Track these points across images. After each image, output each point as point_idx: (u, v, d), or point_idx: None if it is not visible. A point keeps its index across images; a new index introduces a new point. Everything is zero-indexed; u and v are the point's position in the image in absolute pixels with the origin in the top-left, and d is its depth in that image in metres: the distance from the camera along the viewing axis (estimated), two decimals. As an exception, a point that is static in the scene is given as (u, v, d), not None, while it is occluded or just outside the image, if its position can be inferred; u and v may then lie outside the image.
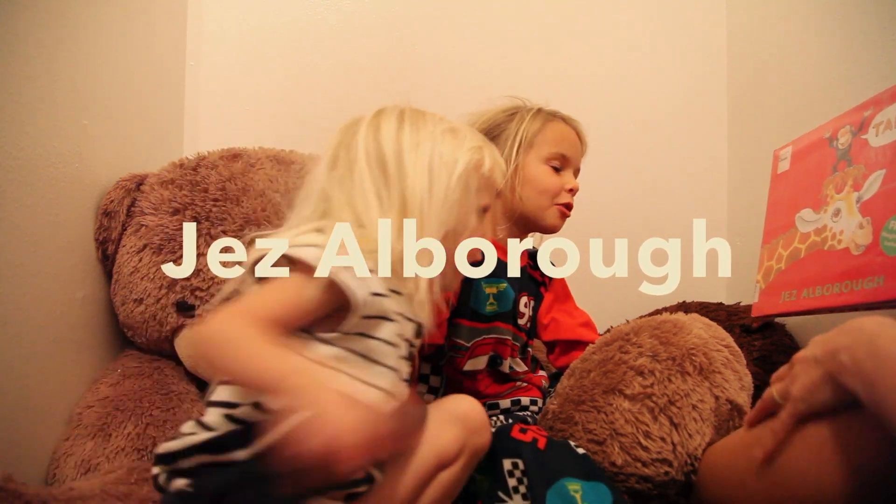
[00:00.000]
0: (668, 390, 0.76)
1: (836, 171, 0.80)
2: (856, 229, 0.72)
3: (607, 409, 0.78)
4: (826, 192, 0.80)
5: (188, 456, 0.56)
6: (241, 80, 1.34)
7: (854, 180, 0.75)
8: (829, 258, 0.76)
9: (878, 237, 0.69)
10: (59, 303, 0.88)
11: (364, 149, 0.70)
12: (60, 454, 0.84)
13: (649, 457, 0.76)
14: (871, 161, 0.74)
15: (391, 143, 0.70)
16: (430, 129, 0.71)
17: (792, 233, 0.84)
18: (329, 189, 0.70)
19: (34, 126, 0.82)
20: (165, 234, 0.96)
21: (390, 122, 0.72)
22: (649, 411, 0.76)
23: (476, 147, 0.72)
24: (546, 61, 1.41)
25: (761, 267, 0.89)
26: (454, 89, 1.38)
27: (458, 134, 0.72)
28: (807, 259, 0.80)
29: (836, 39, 1.07)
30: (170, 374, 0.98)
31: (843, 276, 0.72)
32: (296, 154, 1.07)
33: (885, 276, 0.66)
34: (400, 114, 0.73)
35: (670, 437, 0.76)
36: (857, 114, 0.79)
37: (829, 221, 0.78)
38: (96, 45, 0.98)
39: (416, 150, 0.69)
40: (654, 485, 0.76)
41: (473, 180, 0.70)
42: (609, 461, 0.77)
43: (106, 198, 0.97)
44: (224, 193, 0.97)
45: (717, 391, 0.77)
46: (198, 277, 0.94)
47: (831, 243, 0.76)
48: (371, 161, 0.69)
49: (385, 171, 0.68)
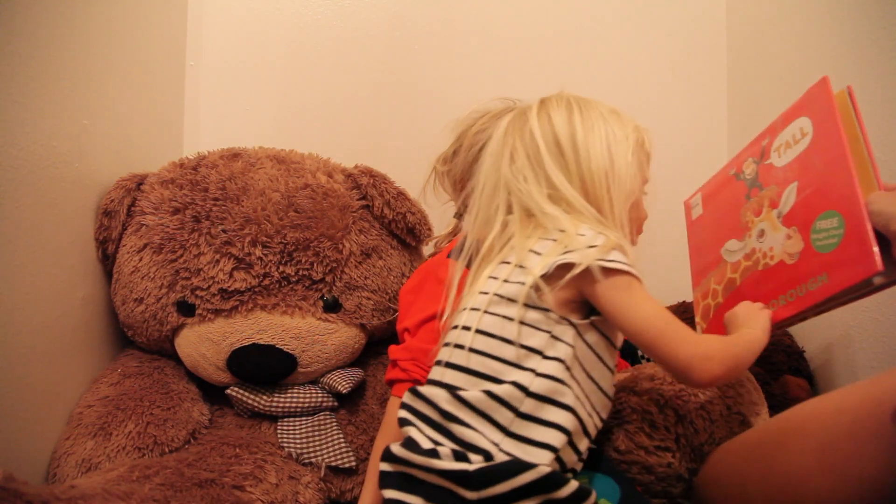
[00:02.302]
0: (676, 387, 0.80)
1: (750, 199, 0.82)
2: (784, 241, 0.75)
3: (616, 404, 0.81)
4: (746, 219, 0.82)
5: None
6: (241, 80, 1.34)
7: (770, 200, 0.78)
8: (767, 276, 0.77)
9: (808, 241, 0.72)
10: (59, 303, 0.88)
11: (542, 137, 0.74)
12: (61, 453, 0.84)
13: (652, 444, 0.77)
14: (780, 179, 0.77)
15: (565, 128, 0.74)
16: (598, 111, 0.75)
17: (721, 266, 0.86)
18: (513, 182, 0.74)
19: (34, 126, 0.82)
20: (166, 234, 0.95)
21: (560, 109, 0.76)
22: (655, 403, 0.79)
23: (637, 126, 0.77)
24: (546, 60, 1.41)
25: (697, 309, 0.90)
26: (455, 89, 1.38)
27: (621, 114, 0.77)
28: (744, 285, 0.81)
29: (836, 39, 1.07)
30: (170, 373, 0.98)
31: (785, 287, 0.74)
32: (295, 154, 1.06)
33: (826, 272, 0.68)
34: (567, 100, 0.77)
35: (675, 429, 0.77)
36: (756, 145, 0.84)
37: (756, 243, 0.79)
38: (96, 45, 0.98)
39: (592, 132, 0.74)
40: (658, 477, 0.77)
41: (641, 155, 0.77)
42: (613, 447, 0.79)
43: (106, 197, 0.97)
44: (224, 192, 0.96)
45: (730, 402, 0.80)
46: (198, 277, 0.93)
47: (765, 262, 0.78)
48: (550, 147, 0.74)
49: (563, 154, 0.73)
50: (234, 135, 1.31)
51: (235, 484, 0.79)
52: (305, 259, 0.96)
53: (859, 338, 0.98)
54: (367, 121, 1.35)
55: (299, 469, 0.87)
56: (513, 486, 0.58)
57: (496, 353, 0.66)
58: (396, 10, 1.38)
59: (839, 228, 0.68)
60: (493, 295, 0.68)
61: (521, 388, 0.63)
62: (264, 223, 0.95)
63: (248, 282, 0.93)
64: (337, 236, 0.98)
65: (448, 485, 0.61)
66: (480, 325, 0.68)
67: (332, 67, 1.36)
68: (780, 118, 0.80)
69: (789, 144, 0.77)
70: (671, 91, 1.44)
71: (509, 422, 0.63)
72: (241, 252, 0.93)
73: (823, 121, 0.72)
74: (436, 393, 0.67)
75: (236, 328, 0.94)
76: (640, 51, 1.44)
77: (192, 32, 1.32)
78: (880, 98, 0.92)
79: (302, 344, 0.96)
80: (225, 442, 0.87)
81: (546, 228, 0.71)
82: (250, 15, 1.35)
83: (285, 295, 0.95)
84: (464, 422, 0.64)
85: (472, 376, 0.66)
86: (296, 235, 0.95)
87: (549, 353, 0.65)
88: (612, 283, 0.65)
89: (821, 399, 0.65)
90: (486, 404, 0.64)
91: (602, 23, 1.44)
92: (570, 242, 0.67)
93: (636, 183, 0.75)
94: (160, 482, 0.75)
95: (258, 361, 0.94)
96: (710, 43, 1.45)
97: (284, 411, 0.95)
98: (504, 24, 1.41)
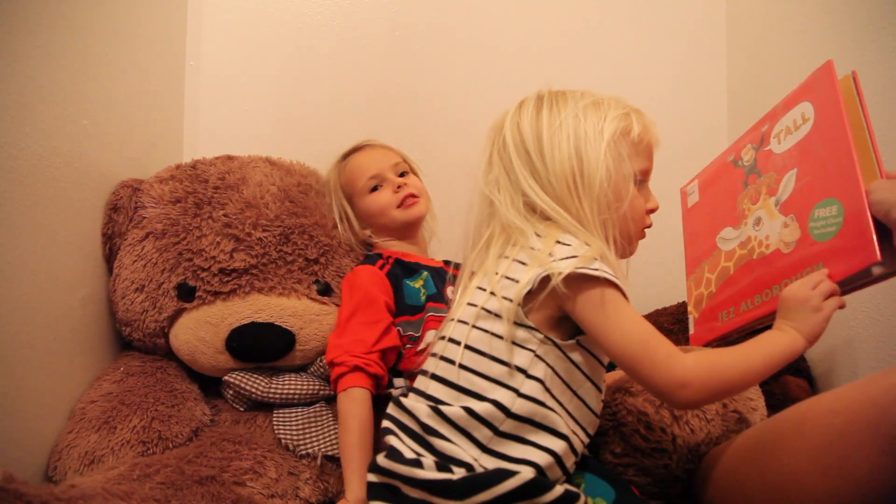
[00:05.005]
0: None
1: (747, 186, 0.80)
2: (781, 229, 0.73)
3: (612, 405, 0.80)
4: (742, 207, 0.80)
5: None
6: (241, 80, 1.34)
7: (767, 187, 0.76)
8: (762, 265, 0.75)
9: (805, 229, 0.70)
10: (60, 302, 0.89)
11: (511, 142, 0.71)
12: (63, 446, 0.84)
13: (648, 446, 0.76)
14: (779, 166, 0.75)
15: (532, 130, 0.71)
16: (570, 108, 0.71)
17: (716, 255, 0.84)
18: (489, 192, 0.72)
19: (34, 126, 0.83)
20: (168, 220, 0.98)
21: (529, 110, 0.72)
22: (651, 403, 0.78)
23: (621, 114, 0.71)
24: (545, 59, 1.41)
25: (690, 298, 0.89)
26: (456, 90, 1.38)
27: (602, 105, 0.72)
28: (738, 273, 0.79)
29: (837, 39, 1.07)
30: (172, 373, 0.99)
31: (780, 276, 0.72)
32: (284, 160, 1.12)
33: (822, 261, 0.67)
34: (538, 100, 0.73)
35: (671, 430, 0.76)
36: (755, 131, 0.81)
37: (752, 231, 0.78)
38: (96, 45, 0.99)
39: (559, 131, 0.69)
40: (654, 479, 0.76)
41: (623, 147, 0.70)
42: (609, 450, 0.78)
43: (114, 194, 1.01)
44: (224, 182, 1.02)
45: (726, 399, 0.79)
46: (200, 257, 0.96)
47: (760, 251, 0.76)
48: (520, 152, 0.70)
49: (531, 158, 0.70)
50: (233, 135, 1.32)
51: (236, 480, 0.80)
52: (301, 241, 1.01)
53: (860, 338, 0.98)
54: (367, 121, 1.35)
55: (299, 465, 0.87)
56: (497, 494, 0.58)
57: (481, 370, 0.66)
58: (397, 11, 1.38)
59: (838, 217, 0.66)
60: (481, 309, 0.67)
61: (502, 408, 0.63)
62: (263, 209, 1.00)
63: (247, 261, 0.97)
64: (328, 226, 1.06)
65: (432, 498, 0.60)
66: (469, 341, 0.67)
67: (332, 67, 1.36)
68: (781, 103, 0.78)
69: (790, 130, 0.75)
70: (671, 86, 1.44)
71: (487, 439, 0.63)
72: (241, 233, 0.98)
73: (826, 106, 0.70)
74: (417, 407, 0.67)
75: (234, 310, 0.96)
76: (640, 46, 1.44)
77: (192, 32, 1.33)
78: (882, 86, 0.91)
79: (300, 322, 0.98)
80: (225, 438, 0.87)
81: (522, 243, 0.68)
82: (250, 15, 1.35)
83: (281, 277, 0.99)
84: (444, 436, 0.64)
85: (455, 391, 0.66)
86: (292, 221, 1.01)
87: (532, 373, 0.64)
88: (585, 297, 0.63)
89: (817, 399, 0.65)
90: (465, 421, 0.64)
91: (601, 14, 1.43)
92: (543, 259, 0.65)
93: (612, 179, 0.69)
94: (161, 480, 0.75)
95: (257, 338, 0.95)
96: (711, 43, 1.45)
97: (282, 399, 0.96)
98: (504, 22, 1.41)
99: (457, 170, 1.26)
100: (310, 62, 1.36)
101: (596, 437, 0.78)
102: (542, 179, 0.69)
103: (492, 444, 0.63)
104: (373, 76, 1.37)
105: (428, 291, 1.02)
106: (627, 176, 0.71)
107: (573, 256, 0.64)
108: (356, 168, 1.10)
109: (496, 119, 0.77)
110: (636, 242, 0.76)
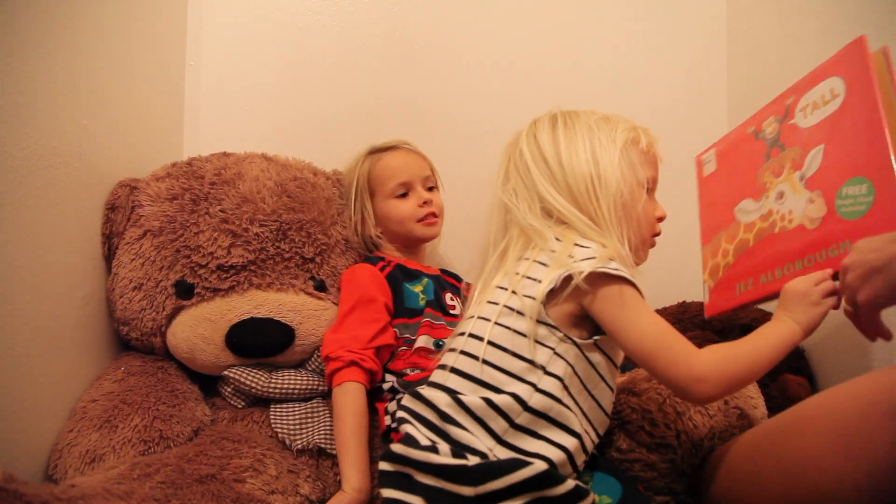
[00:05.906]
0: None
1: (770, 159, 0.80)
2: (806, 205, 0.72)
3: (616, 405, 0.81)
4: (764, 180, 0.80)
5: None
6: (241, 80, 1.34)
7: (792, 162, 0.76)
8: (783, 239, 0.75)
9: (832, 206, 0.69)
10: (59, 303, 0.89)
11: (529, 154, 0.77)
12: (63, 444, 0.84)
13: (653, 441, 0.78)
14: (805, 141, 0.74)
15: (550, 142, 0.77)
16: (583, 121, 0.77)
17: (734, 226, 0.83)
18: (507, 200, 0.78)
19: (34, 126, 0.83)
20: (165, 218, 0.99)
21: (545, 126, 0.79)
22: (654, 401, 0.80)
23: (630, 127, 0.78)
24: (545, 59, 1.41)
25: (706, 267, 0.88)
26: (456, 90, 1.38)
27: (611, 120, 0.79)
28: (757, 246, 0.78)
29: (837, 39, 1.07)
30: (173, 374, 0.99)
31: (802, 251, 0.72)
32: (280, 156, 1.12)
33: (849, 240, 0.66)
34: (552, 117, 0.80)
35: (674, 425, 0.78)
36: (779, 104, 0.80)
37: (774, 205, 0.77)
38: (96, 45, 0.99)
39: (575, 141, 0.76)
40: (660, 474, 0.77)
41: (634, 155, 0.77)
42: (615, 447, 0.80)
43: (112, 194, 1.01)
44: (220, 178, 1.02)
45: (727, 396, 0.80)
46: (198, 254, 0.96)
47: (782, 224, 0.76)
48: (538, 162, 0.76)
49: (549, 167, 0.76)
50: (233, 135, 1.32)
51: (236, 477, 0.80)
52: (298, 238, 1.01)
53: (860, 338, 0.98)
54: (367, 121, 1.35)
55: (298, 462, 0.88)
56: (511, 482, 0.60)
57: (503, 365, 0.68)
58: (397, 12, 1.38)
59: (868, 196, 0.65)
60: (503, 306, 0.70)
61: (520, 400, 0.65)
62: (260, 204, 1.00)
63: (245, 257, 0.97)
64: (326, 223, 1.06)
65: (445, 485, 0.62)
66: (491, 337, 0.69)
67: (332, 68, 1.36)
68: (807, 77, 0.77)
69: (817, 105, 0.74)
70: (671, 86, 1.43)
71: (503, 431, 0.65)
72: (238, 228, 0.98)
73: (858, 82, 0.69)
74: (437, 396, 0.69)
75: (233, 306, 0.96)
76: (640, 46, 1.43)
77: (192, 32, 1.33)
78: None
79: (299, 316, 0.98)
80: (224, 437, 0.87)
81: (542, 246, 0.73)
82: (250, 15, 1.35)
83: (279, 273, 0.99)
84: (461, 425, 0.66)
85: (475, 384, 0.68)
86: (289, 217, 1.01)
87: (550, 370, 0.67)
88: (605, 295, 0.66)
89: (835, 388, 0.65)
90: (483, 411, 0.66)
91: (601, 15, 1.43)
92: (564, 260, 0.68)
93: (627, 181, 0.74)
94: (161, 480, 0.75)
95: (258, 333, 0.96)
96: (711, 43, 1.45)
97: (281, 393, 0.96)
98: (504, 22, 1.41)
99: (457, 170, 1.27)
100: (310, 62, 1.36)
101: (602, 436, 0.80)
102: (559, 185, 0.75)
103: (507, 436, 0.65)
104: (373, 77, 1.37)
105: (427, 297, 1.03)
106: (640, 181, 0.76)
107: (592, 258, 0.68)
108: (389, 168, 1.09)
109: (511, 137, 0.82)
110: (646, 249, 0.80)
